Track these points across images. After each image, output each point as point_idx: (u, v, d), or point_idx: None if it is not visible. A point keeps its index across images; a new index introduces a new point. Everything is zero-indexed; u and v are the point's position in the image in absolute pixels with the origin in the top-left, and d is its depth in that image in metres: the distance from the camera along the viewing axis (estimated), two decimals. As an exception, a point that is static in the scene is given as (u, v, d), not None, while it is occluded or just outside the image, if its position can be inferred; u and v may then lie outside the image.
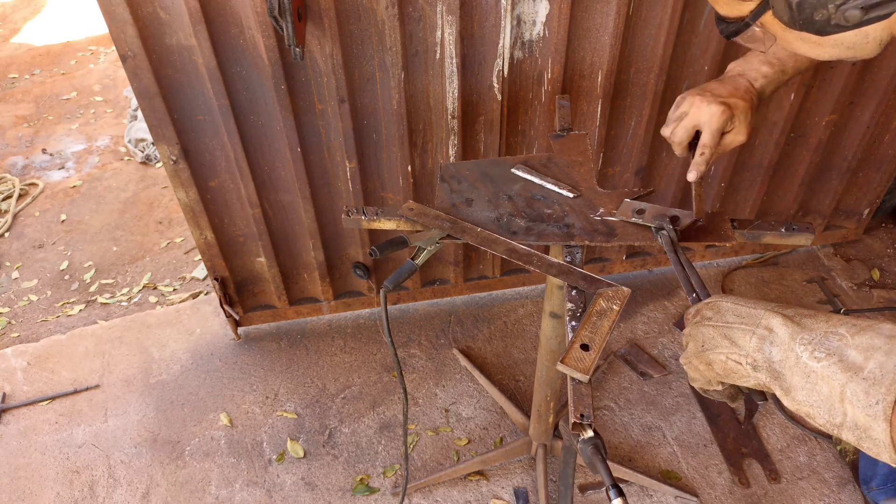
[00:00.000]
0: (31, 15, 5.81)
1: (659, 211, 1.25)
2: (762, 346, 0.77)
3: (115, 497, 2.11)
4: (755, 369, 0.78)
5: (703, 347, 0.85)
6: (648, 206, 1.26)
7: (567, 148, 1.47)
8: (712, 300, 0.87)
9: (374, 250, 1.29)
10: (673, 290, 2.68)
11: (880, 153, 2.44)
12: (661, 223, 1.22)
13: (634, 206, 1.27)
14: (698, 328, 0.86)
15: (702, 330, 0.85)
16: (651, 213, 1.25)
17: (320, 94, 1.87)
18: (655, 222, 1.23)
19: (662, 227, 1.21)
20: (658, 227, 1.22)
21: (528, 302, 2.68)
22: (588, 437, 0.93)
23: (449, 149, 2.05)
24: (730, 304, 0.84)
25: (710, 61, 1.99)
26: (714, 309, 0.85)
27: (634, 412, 2.26)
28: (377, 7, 1.70)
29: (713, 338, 0.84)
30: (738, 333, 0.81)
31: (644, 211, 1.25)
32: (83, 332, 2.68)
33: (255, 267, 2.34)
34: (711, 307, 0.86)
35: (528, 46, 1.87)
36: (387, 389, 2.37)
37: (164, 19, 1.66)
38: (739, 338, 0.80)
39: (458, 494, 2.06)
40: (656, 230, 1.22)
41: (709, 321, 0.85)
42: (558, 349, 1.62)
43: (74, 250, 3.24)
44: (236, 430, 2.27)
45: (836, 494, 2.02)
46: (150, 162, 3.82)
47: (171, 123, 1.84)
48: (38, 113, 4.43)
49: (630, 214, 1.26)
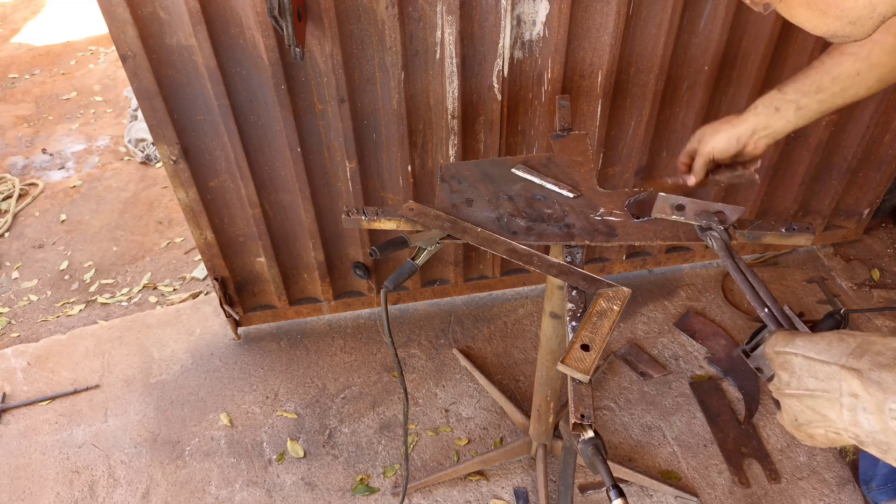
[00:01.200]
0: (31, 15, 5.81)
1: (701, 207, 1.13)
2: (856, 418, 0.70)
3: (115, 497, 2.11)
4: (860, 442, 0.72)
5: (798, 422, 0.79)
6: (688, 200, 1.15)
7: (567, 148, 1.47)
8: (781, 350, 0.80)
9: (374, 250, 1.29)
10: (673, 290, 2.68)
11: (880, 153, 2.44)
12: (708, 222, 1.10)
13: (672, 202, 1.15)
14: (784, 401, 0.81)
15: (788, 403, 0.80)
16: (693, 209, 1.13)
17: (320, 94, 1.87)
18: (700, 220, 1.10)
19: (710, 226, 1.09)
20: (705, 227, 1.10)
21: (528, 302, 2.68)
22: (588, 438, 0.93)
23: (449, 149, 2.05)
24: (802, 361, 0.77)
25: (710, 61, 1.99)
26: (788, 370, 0.79)
27: (634, 412, 2.26)
28: (377, 7, 1.70)
29: (803, 412, 0.77)
30: (825, 406, 0.74)
31: (684, 207, 1.14)
32: (83, 332, 2.68)
33: (255, 267, 2.34)
34: (784, 366, 0.79)
35: (528, 46, 1.87)
36: (387, 389, 2.37)
37: (164, 19, 1.66)
38: (829, 410, 0.73)
39: (458, 494, 2.06)
40: (701, 230, 1.11)
41: (790, 389, 0.78)
42: (558, 349, 1.62)
43: (74, 250, 3.24)
44: (236, 430, 2.27)
45: (836, 494, 2.02)
46: (150, 162, 3.82)
47: (171, 123, 1.84)
48: (38, 113, 4.43)
49: (669, 211, 1.14)
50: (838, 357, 0.72)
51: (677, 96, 2.10)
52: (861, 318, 2.51)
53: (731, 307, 2.60)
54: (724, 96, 2.14)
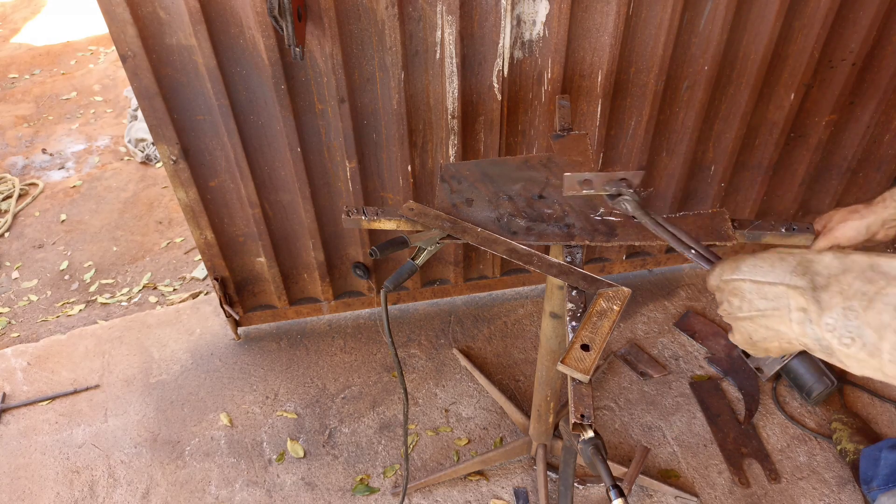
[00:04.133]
0: (31, 15, 5.81)
1: (605, 178, 1.19)
2: (804, 329, 0.77)
3: (115, 497, 2.11)
4: (809, 349, 0.79)
5: (753, 339, 0.86)
6: (592, 175, 1.21)
7: (567, 148, 1.47)
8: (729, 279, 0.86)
9: (374, 250, 1.29)
10: (673, 290, 2.68)
11: (880, 153, 2.44)
12: (617, 188, 1.17)
13: (578, 178, 1.21)
14: (737, 324, 0.87)
15: (741, 325, 0.86)
16: (598, 181, 1.19)
17: (320, 94, 1.87)
18: (610, 188, 1.17)
19: (620, 191, 1.16)
20: (615, 194, 1.17)
21: (528, 302, 2.68)
22: (588, 438, 0.93)
23: (449, 149, 2.05)
24: (750, 285, 0.83)
25: (710, 61, 1.99)
26: (739, 296, 0.85)
27: (634, 412, 2.26)
28: (377, 7, 1.70)
29: (757, 330, 0.84)
30: (776, 322, 0.81)
31: (591, 181, 1.20)
32: (83, 332, 2.68)
33: (255, 267, 2.34)
34: (734, 293, 0.86)
35: (528, 46, 1.87)
36: (387, 389, 2.37)
37: (164, 19, 1.66)
38: (780, 325, 0.81)
39: (458, 494, 2.06)
40: (612, 198, 1.17)
41: (742, 313, 0.85)
42: (558, 349, 1.62)
43: (74, 250, 3.24)
44: (236, 430, 2.27)
45: (836, 494, 2.02)
46: (150, 162, 3.82)
47: (171, 123, 1.84)
48: (38, 113, 4.43)
49: (578, 188, 1.21)
50: (783, 277, 0.79)
51: (677, 96, 2.10)
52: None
53: (731, 307, 2.60)
54: (724, 96, 2.14)
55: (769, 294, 0.81)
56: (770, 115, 2.22)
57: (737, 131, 2.21)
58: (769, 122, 2.24)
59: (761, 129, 2.26)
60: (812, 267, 0.77)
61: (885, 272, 0.71)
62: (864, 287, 0.72)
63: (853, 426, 2.11)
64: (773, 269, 0.81)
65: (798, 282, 0.77)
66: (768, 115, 2.22)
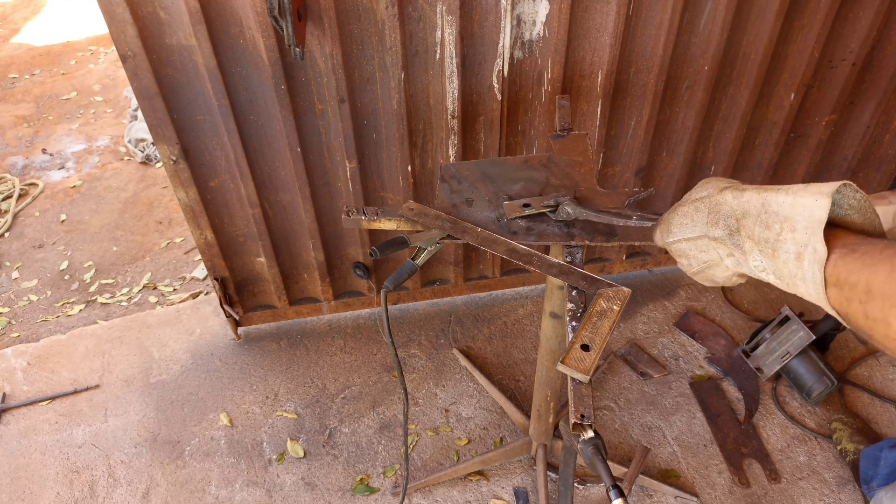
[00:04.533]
0: (31, 15, 5.81)
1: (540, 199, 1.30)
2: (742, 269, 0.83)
3: (115, 497, 2.11)
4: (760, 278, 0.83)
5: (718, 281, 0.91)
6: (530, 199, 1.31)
7: (567, 148, 1.47)
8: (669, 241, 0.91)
9: (374, 250, 1.29)
10: (673, 290, 2.68)
11: (880, 153, 2.44)
12: (555, 199, 1.26)
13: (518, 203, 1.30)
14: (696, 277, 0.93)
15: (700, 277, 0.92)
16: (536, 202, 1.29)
17: (320, 94, 1.87)
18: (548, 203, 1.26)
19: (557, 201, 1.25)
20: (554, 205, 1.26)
21: (528, 302, 2.68)
22: (588, 438, 0.93)
23: (449, 149, 2.05)
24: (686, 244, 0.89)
25: (711, 61, 1.99)
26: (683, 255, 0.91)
27: (634, 412, 2.26)
28: (377, 7, 1.70)
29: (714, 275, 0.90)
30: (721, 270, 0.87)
31: (529, 204, 1.29)
32: (83, 332, 2.68)
33: (255, 267, 2.34)
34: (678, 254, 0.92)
35: (528, 46, 1.87)
36: (387, 389, 2.37)
37: (164, 19, 1.66)
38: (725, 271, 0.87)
39: (458, 494, 2.06)
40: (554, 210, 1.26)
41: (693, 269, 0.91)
42: (558, 349, 1.62)
43: (74, 250, 3.24)
44: (236, 430, 2.27)
45: (836, 494, 2.02)
46: (150, 162, 3.82)
47: (171, 123, 1.84)
48: (38, 113, 4.43)
49: (520, 210, 1.29)
50: (703, 229, 0.85)
51: (677, 96, 2.10)
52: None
53: (731, 307, 2.60)
54: (723, 96, 2.14)
55: (702, 247, 0.87)
56: (770, 115, 2.22)
57: (737, 131, 2.21)
58: (769, 122, 2.24)
59: (761, 129, 2.26)
60: (721, 210, 0.82)
61: (775, 212, 0.74)
62: (763, 233, 0.76)
63: (853, 426, 2.11)
64: (694, 222, 0.87)
65: (716, 232, 0.83)
66: (768, 115, 2.22)
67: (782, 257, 0.73)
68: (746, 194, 0.79)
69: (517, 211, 1.29)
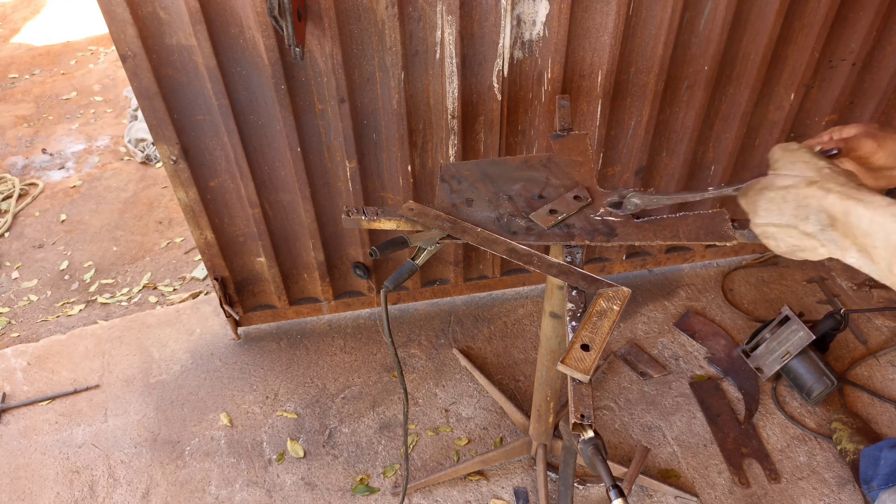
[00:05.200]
0: (31, 15, 5.81)
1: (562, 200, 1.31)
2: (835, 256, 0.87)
3: (114, 497, 2.11)
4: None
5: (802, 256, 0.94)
6: (553, 204, 1.30)
7: (567, 148, 1.47)
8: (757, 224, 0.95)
9: (374, 250, 1.29)
10: (673, 290, 2.68)
11: (880, 153, 2.43)
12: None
13: (543, 212, 1.29)
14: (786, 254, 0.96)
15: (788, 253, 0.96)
16: (560, 205, 1.29)
17: (320, 94, 1.87)
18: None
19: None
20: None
21: (528, 302, 2.68)
22: (588, 438, 0.93)
23: (449, 149, 2.05)
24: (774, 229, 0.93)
25: (710, 61, 1.99)
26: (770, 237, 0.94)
27: (634, 412, 2.26)
28: (377, 7, 1.70)
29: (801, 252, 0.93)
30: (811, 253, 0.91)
31: (555, 210, 1.28)
32: (83, 332, 2.68)
33: (255, 267, 2.34)
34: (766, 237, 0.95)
35: (528, 46, 1.87)
36: (387, 389, 2.37)
37: (164, 19, 1.66)
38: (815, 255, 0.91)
39: (458, 494, 2.06)
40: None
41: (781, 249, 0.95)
42: (558, 349, 1.62)
43: (74, 250, 3.24)
44: (236, 430, 2.27)
45: (836, 494, 2.02)
46: (150, 162, 3.82)
47: (171, 123, 1.84)
48: (38, 113, 4.43)
49: (554, 219, 1.28)
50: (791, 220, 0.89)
51: (677, 96, 2.10)
52: (861, 318, 2.51)
53: (731, 307, 2.60)
54: (723, 96, 2.14)
55: (791, 234, 0.91)
56: (770, 115, 2.22)
57: (737, 131, 2.21)
58: (769, 122, 2.24)
59: (761, 129, 2.26)
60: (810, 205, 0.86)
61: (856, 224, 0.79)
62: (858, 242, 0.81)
63: (853, 426, 2.11)
64: (781, 211, 0.90)
65: (807, 227, 0.87)
66: (768, 115, 2.22)
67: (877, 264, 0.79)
68: (830, 197, 0.83)
69: (549, 220, 1.27)
